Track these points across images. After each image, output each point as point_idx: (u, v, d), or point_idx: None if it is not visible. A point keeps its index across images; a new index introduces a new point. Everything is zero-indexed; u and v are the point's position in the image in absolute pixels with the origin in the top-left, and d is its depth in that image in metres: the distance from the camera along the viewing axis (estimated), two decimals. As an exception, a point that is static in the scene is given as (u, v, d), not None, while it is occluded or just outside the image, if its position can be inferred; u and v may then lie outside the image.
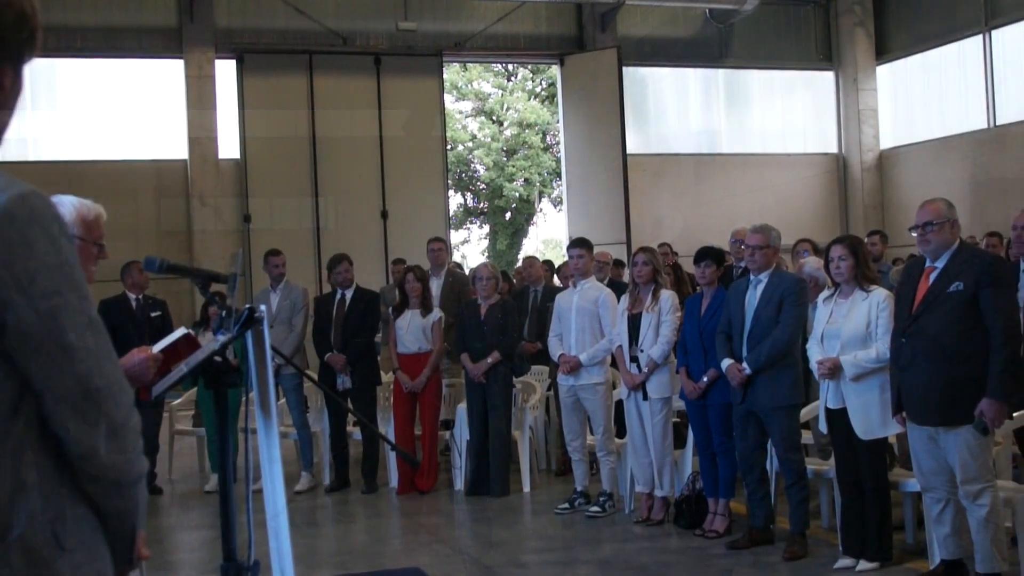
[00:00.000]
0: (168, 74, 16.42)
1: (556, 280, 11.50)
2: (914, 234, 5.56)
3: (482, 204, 33.87)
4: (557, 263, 12.59)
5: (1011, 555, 5.58)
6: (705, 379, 6.89)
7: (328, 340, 9.13)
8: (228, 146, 16.55)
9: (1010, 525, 5.80)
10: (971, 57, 17.85)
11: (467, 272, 12.18)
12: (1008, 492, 5.71)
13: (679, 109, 19.61)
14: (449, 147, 26.20)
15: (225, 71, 16.57)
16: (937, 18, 18.38)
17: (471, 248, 34.55)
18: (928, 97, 18.94)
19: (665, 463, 7.38)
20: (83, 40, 15.99)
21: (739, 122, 19.74)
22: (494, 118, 32.86)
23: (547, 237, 34.84)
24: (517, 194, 32.61)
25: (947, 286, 5.36)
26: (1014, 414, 5.89)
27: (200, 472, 10.05)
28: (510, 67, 32.28)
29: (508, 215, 33.73)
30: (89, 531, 1.87)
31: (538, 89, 33.00)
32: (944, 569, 5.64)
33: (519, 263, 14.94)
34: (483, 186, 33.19)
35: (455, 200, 32.85)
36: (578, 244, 8.18)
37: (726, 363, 6.62)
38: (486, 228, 34.61)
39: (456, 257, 28.53)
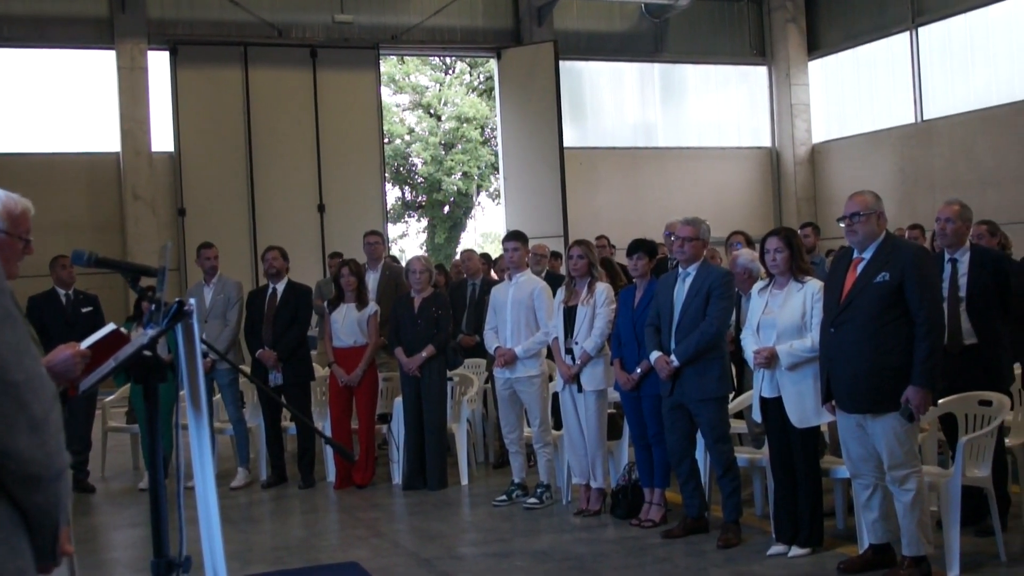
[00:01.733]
0: (99, 65, 16.20)
1: (494, 273, 11.53)
2: (842, 225, 5.67)
3: (420, 198, 33.81)
4: (495, 256, 12.62)
5: (936, 538, 5.71)
6: (639, 370, 6.95)
7: (259, 335, 9.06)
8: (162, 139, 16.37)
9: (935, 509, 5.94)
10: (899, 53, 18.18)
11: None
12: (933, 477, 5.84)
13: (615, 103, 19.74)
14: (386, 140, 26.10)
15: (158, 63, 16.38)
16: (866, 15, 18.68)
17: (409, 242, 34.53)
18: (858, 92, 19.25)
19: (600, 454, 7.43)
20: (11, 29, 15.73)
21: (675, 116, 19.92)
22: (432, 112, 32.80)
23: (485, 230, 34.88)
24: (455, 188, 32.61)
25: (874, 277, 5.46)
26: (939, 401, 6.01)
27: (135, 469, 9.94)
28: (448, 60, 32.24)
29: (446, 209, 33.72)
30: (10, 527, 1.85)
31: (476, 83, 33.00)
32: (872, 553, 5.75)
33: (457, 256, 14.96)
34: (421, 180, 33.13)
35: (393, 193, 32.77)
36: (513, 237, 8.20)
37: (654, 355, 6.68)
38: (424, 222, 34.56)
39: (394, 251, 28.47)
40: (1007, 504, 6.39)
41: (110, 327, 3.24)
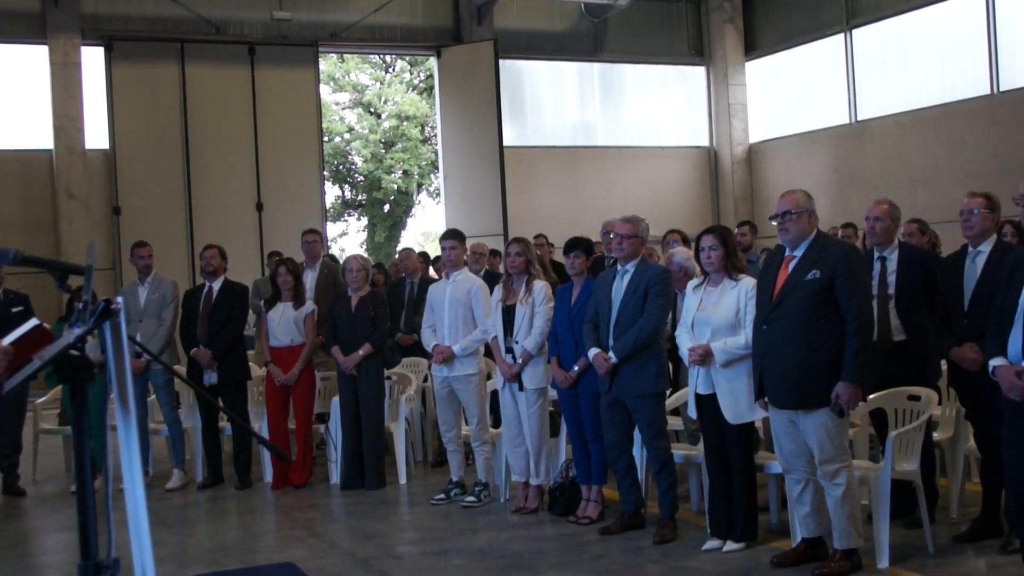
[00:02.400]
0: (31, 60, 15.92)
1: (433, 272, 11.52)
2: (774, 224, 5.74)
3: (360, 196, 33.65)
4: (435, 255, 12.60)
5: (867, 531, 5.82)
6: (576, 368, 6.99)
7: (194, 334, 8.97)
8: (96, 136, 16.13)
9: (866, 502, 6.05)
10: (834, 55, 18.45)
11: (342, 264, 12.10)
12: (864, 471, 5.94)
13: (555, 102, 19.81)
14: (326, 139, 25.98)
15: (92, 58, 16.15)
16: (802, 16, 18.92)
17: (349, 240, 34.35)
18: (794, 92, 19.49)
19: (541, 452, 7.46)
20: (-60, 25, 15.42)
21: (614, 115, 20.03)
22: (372, 110, 32.66)
23: (426, 229, 34.80)
24: (395, 186, 32.49)
25: (805, 274, 5.55)
26: (868, 396, 6.12)
27: (67, 472, 9.79)
28: (388, 59, 32.12)
29: (386, 207, 33.59)
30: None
31: (416, 81, 32.91)
32: (805, 547, 5.84)
33: (397, 255, 14.93)
34: (361, 178, 32.98)
35: (332, 192, 32.59)
36: (450, 235, 8.19)
37: (592, 352, 6.72)
38: (364, 220, 34.40)
39: (334, 250, 28.31)
40: (935, 497, 6.52)
41: (33, 322, 3.19)
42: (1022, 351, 4.62)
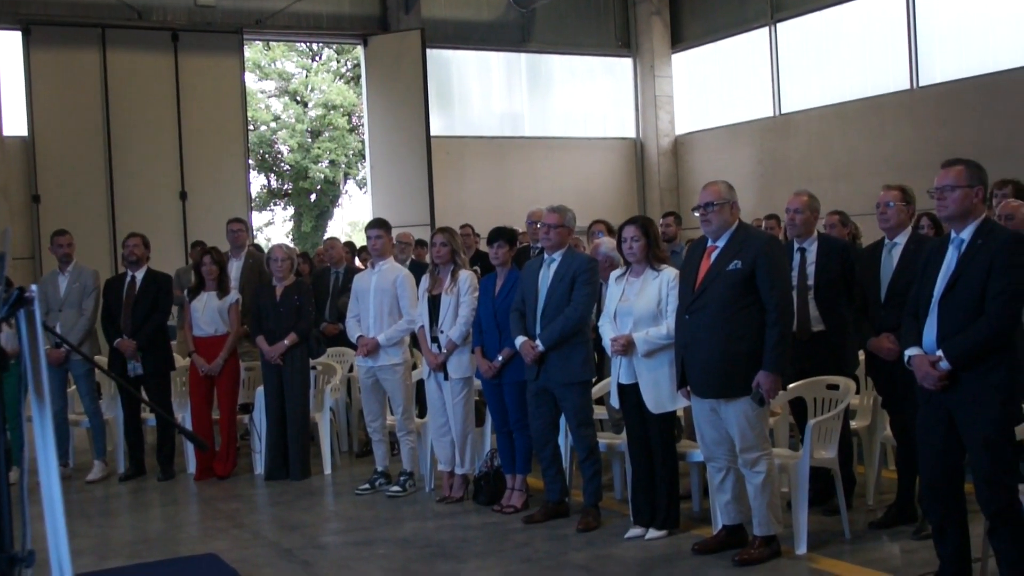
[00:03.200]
0: (-55, 45, 15.52)
1: (359, 262, 11.48)
2: (696, 214, 5.82)
3: (286, 186, 33.34)
4: (361, 245, 12.54)
5: (786, 518, 5.93)
6: (500, 358, 7.02)
7: (117, 324, 8.85)
8: (14, 123, 15.76)
9: (786, 490, 6.16)
10: (758, 48, 18.65)
11: (268, 254, 12.00)
12: (783, 459, 6.05)
13: (482, 92, 19.79)
14: (251, 127, 25.70)
15: (9, 43, 15.76)
16: (728, 10, 19.11)
17: (275, 230, 34.02)
18: (720, 85, 19.68)
19: (466, 441, 7.48)
20: None
21: (541, 106, 20.06)
22: (298, 99, 32.37)
23: (353, 219, 34.60)
24: (322, 176, 32.25)
25: (726, 265, 5.62)
26: (788, 386, 6.23)
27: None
28: (315, 47, 31.85)
29: (313, 197, 33.33)
30: None
31: (343, 70, 32.68)
32: (726, 534, 5.93)
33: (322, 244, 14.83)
34: (287, 167, 32.67)
35: (258, 181, 32.27)
36: (375, 225, 8.17)
37: (519, 340, 6.75)
38: (291, 210, 34.10)
39: (260, 239, 28.04)
40: (852, 484, 6.65)
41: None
42: (936, 341, 4.73)
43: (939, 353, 4.68)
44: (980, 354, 4.61)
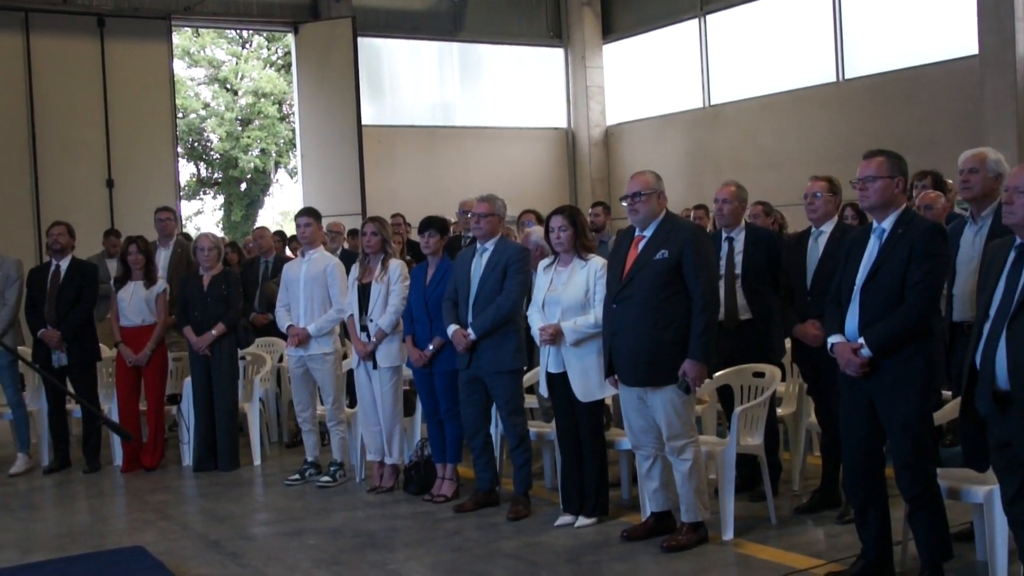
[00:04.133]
0: None
1: (289, 251, 11.39)
2: (624, 204, 5.86)
3: (216, 174, 32.94)
4: (291, 234, 12.44)
5: (713, 504, 6.01)
6: (431, 347, 7.02)
7: (41, 315, 8.69)
8: (-68, 109, 15.38)
9: (713, 477, 6.24)
10: (688, 40, 18.80)
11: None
12: (710, 446, 6.13)
13: (414, 81, 19.70)
14: (180, 115, 25.34)
15: (-73, 27, 15.38)
16: (659, 1, 19.23)
17: (205, 219, 33.61)
18: (650, 76, 19.80)
19: (395, 431, 7.47)
20: None
21: (472, 95, 20.04)
22: (228, 86, 31.98)
23: (284, 208, 34.30)
24: (252, 165, 31.91)
25: (654, 254, 5.67)
26: (715, 374, 6.31)
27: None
28: (245, 34, 31.48)
29: (243, 186, 32.98)
30: None
31: (274, 58, 32.35)
32: (654, 521, 6.00)
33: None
34: (217, 156, 32.28)
35: (188, 170, 31.84)
36: (305, 213, 8.12)
37: (451, 329, 6.76)
38: (220, 199, 33.71)
39: (189, 228, 27.69)
40: (778, 471, 6.77)
41: None
42: (858, 328, 4.83)
43: (860, 340, 4.78)
44: (900, 341, 4.71)
